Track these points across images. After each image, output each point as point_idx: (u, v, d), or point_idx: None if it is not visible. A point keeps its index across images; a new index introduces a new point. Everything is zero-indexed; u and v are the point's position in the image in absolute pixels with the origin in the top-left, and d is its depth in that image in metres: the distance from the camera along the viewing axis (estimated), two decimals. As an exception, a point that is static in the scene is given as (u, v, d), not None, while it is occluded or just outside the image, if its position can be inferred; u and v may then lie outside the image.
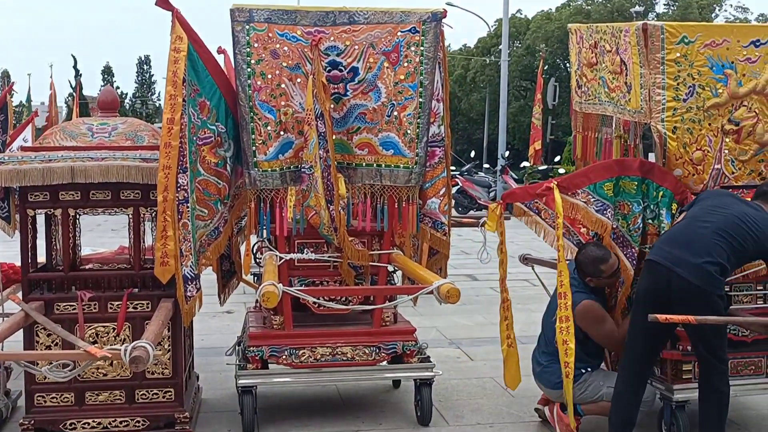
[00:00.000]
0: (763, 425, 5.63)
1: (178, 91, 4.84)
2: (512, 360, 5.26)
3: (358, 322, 5.68)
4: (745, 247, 4.67)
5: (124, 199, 5.10)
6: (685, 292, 4.58)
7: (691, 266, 4.58)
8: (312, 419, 5.63)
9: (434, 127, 5.54)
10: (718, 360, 4.74)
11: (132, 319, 5.09)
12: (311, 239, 5.52)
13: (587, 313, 5.19)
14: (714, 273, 4.58)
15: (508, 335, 5.24)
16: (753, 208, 4.82)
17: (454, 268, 12.82)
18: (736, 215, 4.72)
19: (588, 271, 5.25)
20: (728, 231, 4.65)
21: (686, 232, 4.75)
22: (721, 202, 4.87)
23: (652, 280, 4.77)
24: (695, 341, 4.81)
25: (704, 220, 4.75)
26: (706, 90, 5.23)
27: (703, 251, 4.60)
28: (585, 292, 5.26)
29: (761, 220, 4.73)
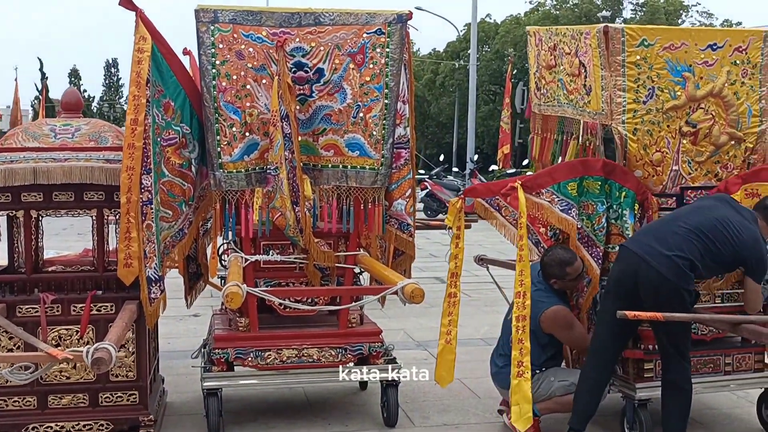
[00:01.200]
0: (723, 423, 5.70)
1: (142, 92, 4.83)
2: (446, 357, 5.19)
3: (324, 324, 5.67)
4: (721, 251, 4.75)
5: (88, 200, 5.07)
6: (653, 281, 4.67)
7: (661, 257, 4.67)
8: (278, 421, 5.62)
9: (400, 128, 5.56)
10: (682, 357, 4.80)
11: (96, 321, 5.05)
12: (277, 241, 5.51)
13: (557, 317, 5.25)
14: (682, 266, 4.66)
15: (449, 331, 5.18)
16: (742, 216, 4.91)
17: (422, 270, 12.86)
18: (718, 218, 4.81)
19: (553, 273, 5.29)
20: (705, 232, 4.75)
21: (664, 227, 4.87)
22: (710, 205, 4.99)
23: (622, 267, 4.87)
24: (661, 336, 4.86)
25: (685, 218, 4.86)
26: (665, 92, 5.29)
27: (675, 246, 4.69)
28: (552, 297, 5.32)
29: (744, 230, 4.82)
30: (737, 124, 5.43)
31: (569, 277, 5.25)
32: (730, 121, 5.41)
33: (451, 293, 5.22)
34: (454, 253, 5.17)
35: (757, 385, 5.56)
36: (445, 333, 5.23)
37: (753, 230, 4.89)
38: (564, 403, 5.19)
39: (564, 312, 5.27)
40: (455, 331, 5.21)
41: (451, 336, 5.20)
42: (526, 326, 4.96)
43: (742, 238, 4.78)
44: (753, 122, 5.46)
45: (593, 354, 5.01)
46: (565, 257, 5.26)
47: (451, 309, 5.22)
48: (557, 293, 5.37)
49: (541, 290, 5.32)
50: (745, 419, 5.76)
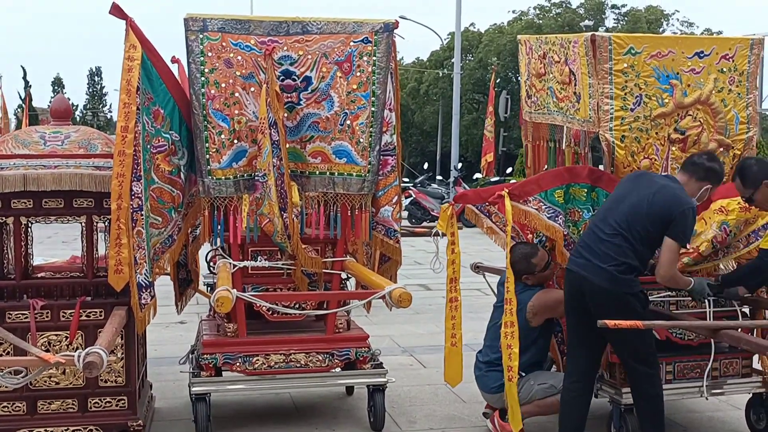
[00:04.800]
0: (705, 426, 5.76)
1: (132, 100, 4.87)
2: (454, 358, 5.29)
3: (311, 330, 5.72)
4: (649, 232, 4.73)
5: (77, 207, 5.09)
6: (598, 296, 4.72)
7: (598, 270, 4.72)
8: (266, 426, 5.66)
9: (386, 136, 5.62)
10: (645, 365, 4.85)
11: (85, 327, 5.06)
12: (265, 247, 5.55)
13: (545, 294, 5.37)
14: (620, 274, 4.70)
15: (453, 334, 5.27)
16: (656, 182, 4.87)
17: (407, 278, 12.89)
18: (633, 205, 4.78)
19: (522, 268, 5.37)
20: (626, 226, 4.74)
21: (592, 237, 4.87)
22: (623, 194, 4.92)
23: (569, 288, 4.94)
24: (617, 347, 4.93)
25: (606, 220, 4.84)
26: (652, 100, 5.37)
27: (606, 255, 4.72)
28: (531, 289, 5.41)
29: (663, 194, 4.77)
30: (725, 131, 5.50)
31: (537, 268, 5.34)
32: (718, 128, 5.49)
33: (452, 297, 5.30)
34: (450, 259, 5.24)
35: (744, 391, 5.59)
36: (450, 336, 5.32)
37: (670, 188, 4.82)
38: (544, 405, 5.25)
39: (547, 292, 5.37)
40: (460, 333, 5.30)
41: (456, 338, 5.30)
42: (514, 332, 5.04)
43: (657, 205, 4.73)
44: (741, 129, 5.54)
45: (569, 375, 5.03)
46: (526, 250, 5.39)
47: (454, 313, 5.30)
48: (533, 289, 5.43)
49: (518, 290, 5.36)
50: (726, 422, 5.83)
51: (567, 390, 4.98)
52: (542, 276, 5.46)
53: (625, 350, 4.86)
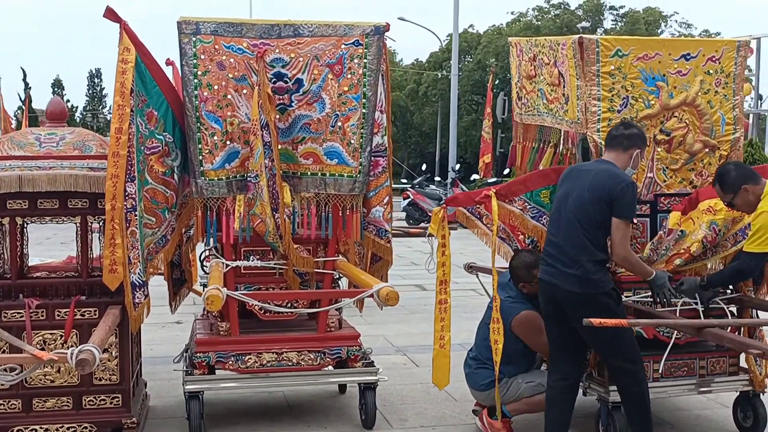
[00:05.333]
0: (696, 425, 5.83)
1: (126, 101, 4.95)
2: (441, 361, 5.33)
3: (303, 329, 5.79)
4: (597, 218, 4.79)
5: (72, 207, 5.17)
6: (570, 300, 4.80)
7: (566, 276, 4.80)
8: (259, 424, 5.73)
9: (377, 137, 5.69)
10: (626, 362, 4.90)
11: (79, 326, 5.14)
12: (257, 247, 5.62)
13: (526, 323, 5.38)
14: (587, 275, 4.76)
15: (442, 336, 5.31)
16: (591, 176, 4.91)
17: (403, 278, 12.99)
18: (581, 194, 4.84)
19: (521, 276, 5.43)
20: (575, 223, 4.81)
21: (551, 244, 4.96)
22: (568, 191, 4.96)
23: (543, 297, 5.04)
24: (596, 347, 5.01)
25: (559, 221, 4.92)
26: (639, 101, 5.44)
27: (569, 259, 4.80)
28: (522, 303, 5.45)
29: (600, 181, 4.82)
30: (711, 133, 5.57)
31: (536, 279, 5.39)
32: (704, 129, 5.55)
33: (442, 300, 5.33)
34: (441, 261, 5.29)
35: (731, 389, 5.66)
36: (439, 338, 5.35)
37: (604, 171, 4.89)
38: (532, 403, 5.32)
39: (533, 316, 5.39)
40: (448, 335, 5.34)
41: (445, 341, 5.33)
42: (500, 328, 5.13)
43: (597, 190, 4.79)
44: (727, 130, 5.61)
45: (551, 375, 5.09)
46: (530, 260, 5.41)
47: (443, 315, 5.33)
48: (528, 298, 5.49)
49: (512, 297, 5.46)
50: (714, 420, 5.90)
51: (551, 388, 5.05)
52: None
53: (604, 348, 4.93)
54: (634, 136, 5.05)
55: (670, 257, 5.36)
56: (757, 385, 5.56)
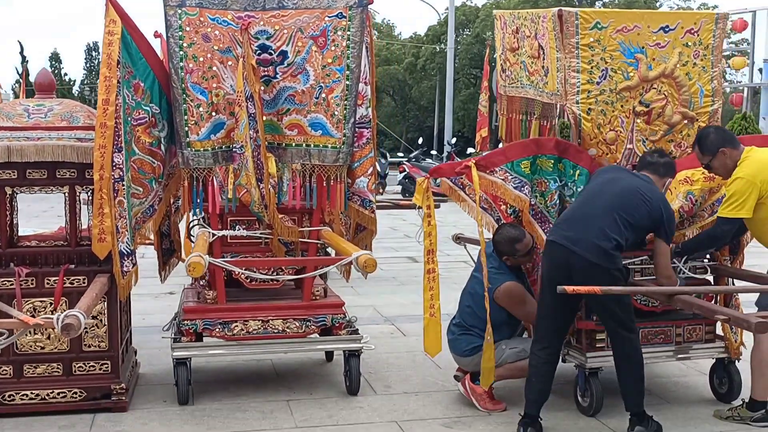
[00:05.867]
0: (672, 391, 5.94)
1: (113, 73, 5.03)
2: (433, 329, 5.45)
3: (289, 297, 5.89)
4: (637, 220, 4.92)
5: (60, 177, 5.27)
6: (585, 269, 4.84)
7: (588, 245, 4.84)
8: (245, 390, 5.84)
9: (362, 109, 5.77)
10: (625, 329, 4.99)
11: (69, 294, 5.25)
12: (243, 217, 5.72)
13: (510, 294, 5.49)
14: (609, 250, 4.84)
15: (431, 305, 5.42)
16: (643, 180, 5.08)
17: (396, 250, 13.14)
18: (626, 189, 4.97)
19: (504, 250, 5.53)
20: (620, 207, 4.91)
21: (582, 211, 5.01)
22: (614, 178, 5.11)
23: (552, 259, 5.04)
24: (600, 314, 5.09)
25: (598, 198, 5.00)
26: (618, 73, 5.52)
27: (598, 229, 4.86)
28: (505, 273, 5.55)
29: (650, 192, 4.99)
30: (690, 104, 5.66)
31: (519, 253, 5.49)
32: (683, 101, 5.64)
33: (430, 269, 5.42)
34: (427, 231, 5.38)
35: (707, 356, 5.79)
36: (429, 307, 5.44)
37: (657, 191, 5.07)
38: (515, 369, 5.43)
39: (515, 288, 5.51)
40: (438, 304, 5.43)
41: (435, 309, 5.42)
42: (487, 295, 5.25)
43: (653, 201, 4.95)
44: (705, 102, 5.69)
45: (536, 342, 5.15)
46: (513, 234, 5.49)
47: (432, 284, 5.42)
48: (511, 269, 5.60)
49: (495, 267, 5.55)
50: (692, 386, 6.02)
51: (534, 356, 5.12)
52: (523, 260, 5.63)
53: (608, 316, 5.00)
54: (669, 165, 5.29)
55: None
56: (733, 352, 5.67)
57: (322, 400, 5.66)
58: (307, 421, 5.25)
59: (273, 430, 5.11)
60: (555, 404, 5.38)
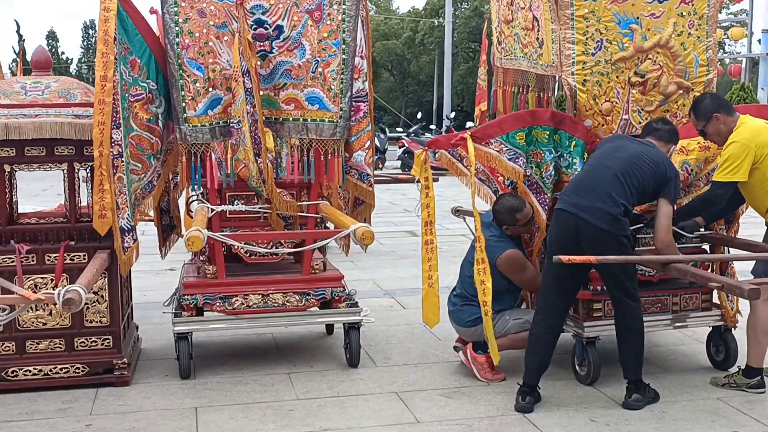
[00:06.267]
0: (670, 359, 5.99)
1: (110, 49, 5.04)
2: (431, 300, 5.49)
3: (289, 271, 5.93)
4: (644, 185, 4.97)
5: (59, 154, 5.30)
6: (593, 236, 4.88)
7: (596, 211, 4.88)
8: (246, 364, 5.90)
9: (358, 83, 5.79)
10: (629, 297, 5.04)
11: (69, 270, 5.28)
12: (241, 192, 5.75)
13: (511, 261, 5.53)
14: (618, 216, 4.89)
15: (430, 276, 5.46)
16: (647, 146, 5.12)
17: (396, 225, 13.20)
18: (633, 156, 5.01)
19: (504, 219, 5.57)
20: (627, 172, 4.94)
21: (589, 179, 5.03)
22: (619, 145, 5.14)
23: (561, 227, 5.06)
24: (607, 282, 5.12)
25: (605, 165, 5.02)
26: (613, 44, 5.53)
27: (606, 196, 4.89)
28: (506, 241, 5.59)
29: (654, 155, 5.04)
30: (685, 74, 5.66)
31: (519, 222, 5.53)
32: (678, 71, 5.65)
33: (428, 240, 5.46)
34: (425, 203, 5.41)
35: (704, 324, 5.83)
36: (427, 278, 5.48)
37: (661, 152, 5.13)
38: (518, 339, 5.47)
39: (516, 255, 5.55)
40: (436, 275, 5.46)
41: (433, 280, 5.46)
42: (486, 268, 5.27)
43: (658, 163, 4.99)
44: (700, 72, 5.70)
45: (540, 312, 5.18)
46: (514, 204, 5.53)
47: (430, 255, 5.46)
48: (511, 238, 5.64)
49: (496, 236, 5.60)
50: (690, 355, 6.07)
51: (537, 325, 5.15)
52: (522, 230, 5.67)
53: (614, 284, 5.04)
54: (673, 131, 5.33)
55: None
56: (729, 320, 5.72)
57: (322, 373, 5.72)
58: (308, 393, 5.30)
59: (274, 401, 5.15)
60: (553, 374, 5.43)
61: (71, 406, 5.10)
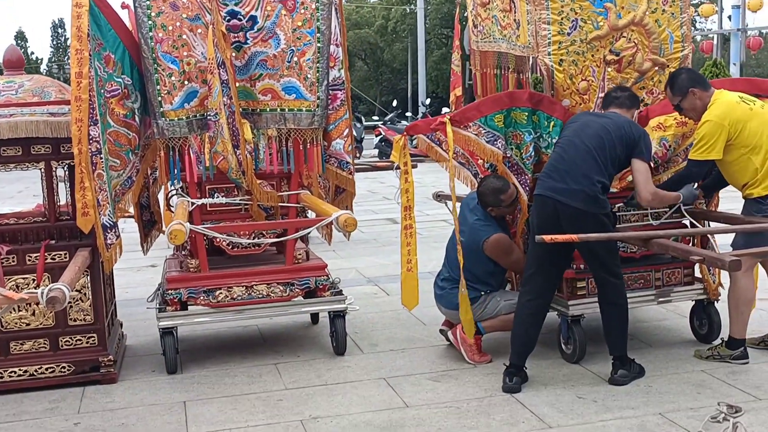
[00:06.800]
0: (654, 334, 6.04)
1: (84, 46, 5.01)
2: (410, 283, 5.51)
3: (272, 262, 5.92)
4: (616, 153, 4.99)
5: (35, 153, 5.26)
6: (574, 217, 4.91)
7: (573, 192, 4.91)
8: (233, 356, 5.89)
9: (334, 71, 5.78)
10: (612, 275, 5.08)
11: (51, 269, 5.25)
12: (222, 184, 5.73)
13: (498, 245, 5.55)
14: (597, 194, 4.92)
15: (409, 260, 5.48)
16: (609, 118, 5.13)
17: (375, 213, 13.21)
18: (599, 129, 5.02)
19: (489, 201, 5.58)
20: (598, 147, 4.97)
21: (562, 161, 5.05)
22: (584, 123, 5.15)
23: (541, 212, 5.10)
24: (589, 261, 5.15)
25: (575, 144, 5.04)
26: (588, 23, 5.54)
27: (582, 176, 4.92)
28: (491, 224, 5.60)
29: (618, 121, 5.07)
30: (660, 51, 5.69)
31: (504, 203, 5.55)
32: (653, 48, 5.67)
33: (407, 225, 5.48)
34: (404, 188, 5.42)
35: (687, 298, 5.88)
36: (406, 262, 5.51)
37: (624, 118, 5.15)
38: (509, 321, 5.45)
39: (503, 239, 5.57)
40: (415, 259, 5.49)
41: (412, 264, 5.49)
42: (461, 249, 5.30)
43: (623, 128, 5.02)
44: (675, 48, 5.72)
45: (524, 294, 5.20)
46: (498, 185, 5.54)
47: (409, 239, 5.49)
48: (495, 220, 5.65)
49: (481, 219, 5.61)
50: (673, 329, 6.12)
51: (522, 306, 5.18)
52: (506, 211, 5.68)
53: (597, 263, 5.07)
54: (633, 96, 5.36)
55: (623, 174, 5.51)
56: (712, 293, 5.77)
57: (310, 362, 5.72)
58: (296, 383, 5.30)
59: (263, 392, 5.15)
60: (540, 353, 5.46)
61: (59, 405, 5.07)
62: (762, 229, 5.03)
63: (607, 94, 5.41)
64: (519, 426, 4.50)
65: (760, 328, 5.76)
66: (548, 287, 5.20)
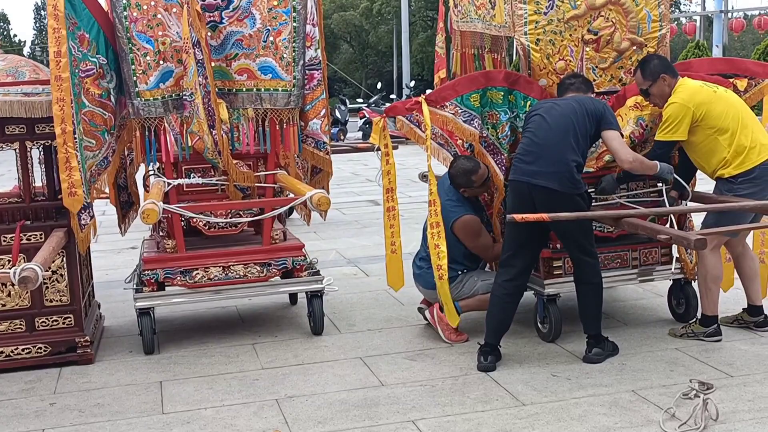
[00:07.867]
0: (631, 313, 6.08)
1: (61, 24, 4.99)
2: (395, 264, 5.56)
3: (249, 243, 5.92)
4: (586, 129, 5.02)
5: (9, 134, 5.23)
6: (550, 199, 4.92)
7: (547, 174, 4.92)
8: (210, 337, 5.89)
9: (311, 51, 5.75)
10: (586, 254, 5.10)
11: (26, 250, 5.22)
12: (198, 164, 5.71)
13: (465, 227, 5.57)
14: (570, 174, 4.93)
15: (392, 242, 5.51)
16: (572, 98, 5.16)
17: (357, 195, 13.20)
18: (566, 110, 5.04)
19: (461, 182, 5.59)
20: (569, 125, 4.98)
21: (534, 145, 5.04)
22: (550, 106, 5.15)
23: (516, 196, 5.12)
24: (564, 241, 5.18)
25: (545, 127, 5.03)
26: (565, 2, 5.53)
27: (555, 156, 4.94)
28: (463, 206, 5.62)
29: (579, 99, 5.12)
30: (638, 30, 5.68)
31: (475, 184, 5.56)
32: (631, 27, 5.66)
33: (390, 207, 5.50)
34: (386, 170, 5.44)
35: (664, 278, 5.91)
36: (390, 244, 5.54)
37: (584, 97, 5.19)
38: (486, 300, 5.46)
39: (471, 221, 5.59)
40: (399, 241, 5.53)
41: (396, 246, 5.53)
42: (440, 232, 5.30)
43: (584, 103, 5.06)
44: (653, 27, 5.72)
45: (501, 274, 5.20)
46: (468, 166, 5.55)
47: (392, 221, 5.51)
48: (468, 201, 5.66)
49: (453, 200, 5.62)
50: (649, 308, 6.16)
51: (498, 286, 5.18)
52: (479, 191, 5.69)
53: (571, 243, 5.10)
54: (587, 81, 5.41)
55: (600, 154, 5.53)
56: (689, 273, 5.80)
57: (287, 342, 5.73)
58: (273, 362, 5.31)
59: (239, 372, 5.16)
60: (516, 332, 5.49)
61: (35, 386, 5.07)
62: (731, 208, 5.07)
63: (561, 82, 5.43)
64: (493, 403, 4.53)
65: (734, 307, 5.80)
66: (525, 269, 5.21)
